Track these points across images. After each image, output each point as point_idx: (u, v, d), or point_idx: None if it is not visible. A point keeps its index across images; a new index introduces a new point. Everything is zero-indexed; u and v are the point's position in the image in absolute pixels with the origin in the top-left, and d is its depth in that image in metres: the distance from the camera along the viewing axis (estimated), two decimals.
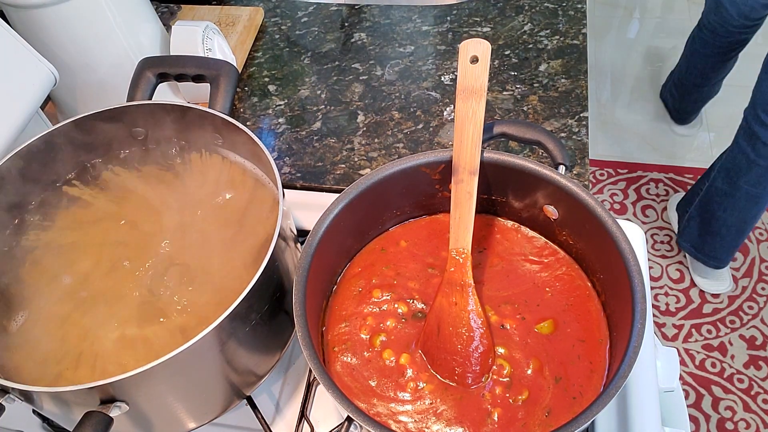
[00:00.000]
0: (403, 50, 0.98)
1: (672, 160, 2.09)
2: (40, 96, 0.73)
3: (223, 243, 0.62)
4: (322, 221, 0.58)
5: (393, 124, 0.89)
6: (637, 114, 2.22)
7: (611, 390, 0.47)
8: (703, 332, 1.73)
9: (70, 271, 0.61)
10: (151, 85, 0.68)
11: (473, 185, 0.58)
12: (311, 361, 0.50)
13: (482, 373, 0.56)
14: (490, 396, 0.55)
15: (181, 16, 1.03)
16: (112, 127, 0.66)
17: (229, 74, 0.67)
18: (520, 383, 0.56)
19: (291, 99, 0.94)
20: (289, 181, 0.85)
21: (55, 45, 0.79)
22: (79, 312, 0.59)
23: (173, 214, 0.64)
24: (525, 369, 0.57)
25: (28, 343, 0.57)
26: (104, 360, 0.56)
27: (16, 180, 0.63)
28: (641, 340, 0.50)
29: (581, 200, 0.58)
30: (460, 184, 0.58)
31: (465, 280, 0.58)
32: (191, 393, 0.56)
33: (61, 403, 0.52)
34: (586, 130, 0.84)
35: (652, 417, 0.63)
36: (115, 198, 0.67)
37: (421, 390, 0.56)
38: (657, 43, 2.44)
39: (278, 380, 0.69)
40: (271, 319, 0.58)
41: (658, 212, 1.96)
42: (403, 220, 0.68)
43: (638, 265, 0.53)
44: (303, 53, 1.00)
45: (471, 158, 0.58)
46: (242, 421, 0.65)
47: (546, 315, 0.60)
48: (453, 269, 0.58)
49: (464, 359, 0.56)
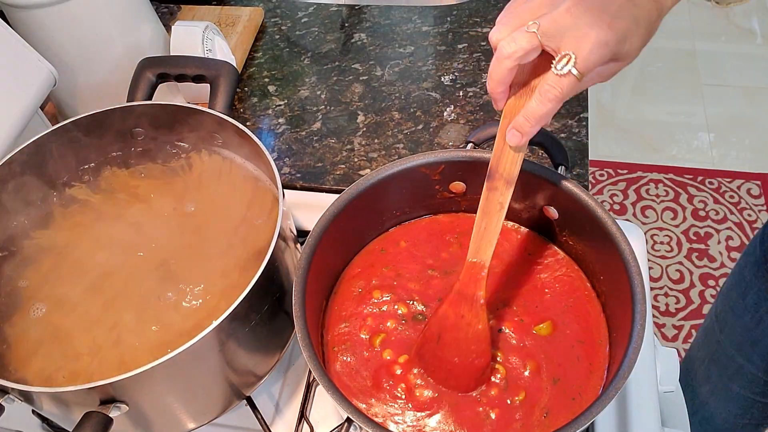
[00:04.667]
0: (403, 51, 0.98)
1: (672, 160, 2.09)
2: (40, 96, 0.73)
3: (223, 243, 0.62)
4: (322, 221, 0.58)
5: (393, 125, 0.89)
6: (637, 114, 2.22)
7: (611, 391, 0.47)
8: None
9: (69, 271, 0.61)
10: (150, 86, 0.68)
11: (507, 196, 0.52)
12: (311, 362, 0.50)
13: (476, 385, 0.56)
14: (486, 399, 0.55)
15: (181, 16, 1.03)
16: (112, 128, 0.66)
17: (229, 74, 0.67)
18: (517, 384, 0.56)
19: (291, 99, 0.94)
20: (289, 181, 0.85)
21: (55, 45, 0.79)
22: (77, 312, 0.58)
23: (173, 214, 0.64)
24: (522, 371, 0.57)
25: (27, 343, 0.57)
26: (104, 360, 0.56)
27: (15, 180, 0.63)
28: (641, 341, 0.50)
29: (581, 201, 0.58)
30: (493, 192, 0.53)
31: (477, 295, 0.54)
32: (191, 393, 0.56)
33: (60, 404, 0.52)
34: (586, 131, 0.84)
35: (651, 418, 0.63)
36: (115, 198, 0.67)
37: (420, 391, 0.56)
38: (657, 44, 2.43)
39: (278, 381, 0.68)
40: (271, 320, 0.58)
41: (658, 213, 1.96)
42: (403, 220, 0.68)
43: (638, 265, 0.53)
44: (303, 53, 1.00)
45: (511, 166, 0.52)
46: (242, 421, 0.65)
47: (545, 316, 0.59)
48: (467, 281, 0.55)
49: (460, 371, 0.55)
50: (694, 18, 1.87)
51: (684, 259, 1.86)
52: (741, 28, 2.43)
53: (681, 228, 1.92)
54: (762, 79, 2.24)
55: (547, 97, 0.47)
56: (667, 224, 1.93)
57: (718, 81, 2.27)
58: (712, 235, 1.90)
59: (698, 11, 1.81)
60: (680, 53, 1.96)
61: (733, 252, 1.86)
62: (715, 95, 2.23)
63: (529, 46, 0.46)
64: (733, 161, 2.07)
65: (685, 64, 2.34)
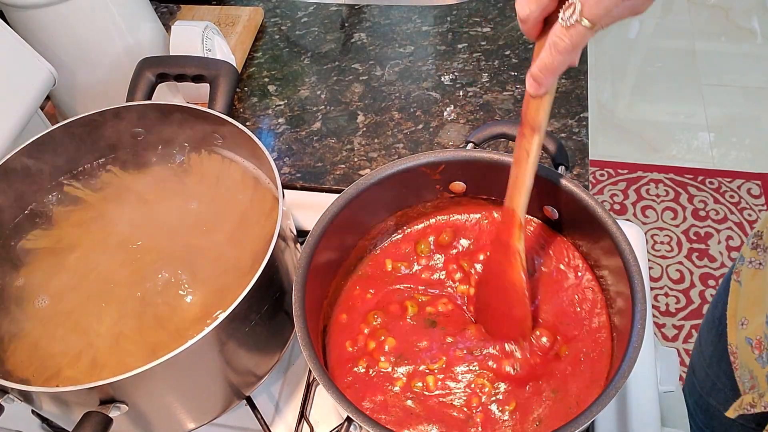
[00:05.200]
0: (403, 50, 0.98)
1: (672, 160, 2.09)
2: (40, 96, 0.73)
3: (223, 243, 0.62)
4: (321, 221, 0.58)
5: (393, 125, 0.89)
6: (637, 114, 2.22)
7: (611, 391, 0.47)
8: None
9: (68, 271, 0.61)
10: (150, 86, 0.68)
11: (534, 144, 0.51)
12: (311, 362, 0.50)
13: (516, 336, 0.57)
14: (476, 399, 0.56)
15: (180, 16, 1.03)
16: (112, 128, 0.66)
17: (229, 74, 0.66)
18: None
19: (291, 99, 0.94)
20: (288, 181, 0.85)
21: (54, 45, 0.79)
22: (77, 312, 0.58)
23: (172, 214, 0.64)
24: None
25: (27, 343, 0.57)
26: (103, 360, 0.56)
27: (15, 180, 0.63)
28: (641, 341, 0.49)
29: (581, 201, 0.58)
30: (521, 138, 0.52)
31: (509, 242, 0.55)
32: (191, 393, 0.56)
33: (60, 404, 0.52)
34: (586, 131, 0.84)
35: (651, 417, 0.63)
36: (114, 198, 0.67)
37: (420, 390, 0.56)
38: (657, 44, 2.44)
39: (278, 380, 0.68)
40: (271, 319, 0.58)
41: (658, 213, 1.96)
42: (403, 220, 0.67)
43: (638, 265, 0.53)
44: (303, 53, 1.00)
45: (535, 113, 0.50)
46: (242, 421, 0.65)
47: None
48: (502, 227, 0.56)
49: (501, 318, 0.57)
50: (695, 18, 1.87)
51: (684, 258, 1.86)
52: (741, 28, 2.43)
53: (681, 228, 1.92)
54: (762, 79, 2.24)
55: (556, 49, 0.44)
56: (668, 224, 1.93)
57: (718, 81, 2.27)
58: (712, 235, 1.90)
59: (698, 11, 1.81)
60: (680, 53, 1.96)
61: (734, 252, 1.86)
62: (715, 95, 2.23)
63: (540, 6, 0.44)
64: (733, 161, 2.07)
65: (685, 64, 2.34)
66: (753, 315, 0.73)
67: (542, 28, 0.47)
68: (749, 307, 0.74)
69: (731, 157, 2.08)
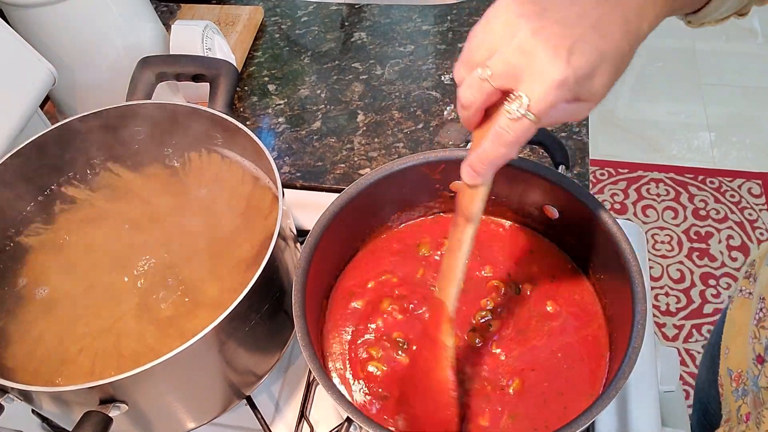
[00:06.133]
0: (403, 50, 0.98)
1: (672, 160, 2.09)
2: (40, 95, 0.72)
3: (223, 242, 0.62)
4: (322, 221, 0.58)
5: (393, 124, 0.89)
6: (637, 114, 2.22)
7: (611, 390, 0.47)
8: (703, 332, 1.72)
9: (68, 270, 0.61)
10: (150, 85, 0.68)
11: (467, 235, 0.48)
12: (311, 361, 0.50)
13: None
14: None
15: (180, 15, 1.03)
16: (111, 127, 0.66)
17: (229, 74, 0.66)
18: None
19: (291, 98, 0.94)
20: (288, 180, 0.85)
21: (54, 44, 0.79)
22: (77, 312, 0.58)
23: (172, 213, 0.64)
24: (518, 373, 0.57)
25: (26, 342, 0.57)
26: (103, 359, 0.56)
27: (14, 180, 0.63)
28: (641, 340, 0.49)
29: (581, 200, 0.58)
30: (454, 228, 0.49)
31: (437, 337, 0.51)
32: (191, 393, 0.56)
33: (60, 403, 0.52)
34: (586, 130, 0.84)
35: (652, 417, 0.63)
36: (114, 198, 0.67)
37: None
38: (657, 43, 2.43)
39: (278, 380, 0.68)
40: (271, 319, 0.58)
41: (658, 212, 1.96)
42: (403, 220, 0.67)
43: (638, 265, 0.53)
44: (303, 53, 1.00)
45: (469, 202, 0.47)
46: (242, 421, 0.65)
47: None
48: (430, 320, 0.52)
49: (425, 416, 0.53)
50: None
51: (685, 258, 1.86)
52: (741, 27, 2.43)
53: (682, 227, 1.92)
54: (762, 79, 2.24)
55: (501, 141, 0.42)
56: (668, 223, 1.93)
57: (718, 81, 2.27)
58: (712, 234, 1.90)
59: None
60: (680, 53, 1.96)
61: (734, 251, 1.86)
62: (715, 95, 2.23)
63: (483, 96, 0.42)
64: (733, 160, 2.07)
65: (685, 63, 2.34)
66: (736, 345, 0.73)
67: (482, 117, 0.45)
68: (734, 336, 0.74)
69: (732, 156, 2.08)
